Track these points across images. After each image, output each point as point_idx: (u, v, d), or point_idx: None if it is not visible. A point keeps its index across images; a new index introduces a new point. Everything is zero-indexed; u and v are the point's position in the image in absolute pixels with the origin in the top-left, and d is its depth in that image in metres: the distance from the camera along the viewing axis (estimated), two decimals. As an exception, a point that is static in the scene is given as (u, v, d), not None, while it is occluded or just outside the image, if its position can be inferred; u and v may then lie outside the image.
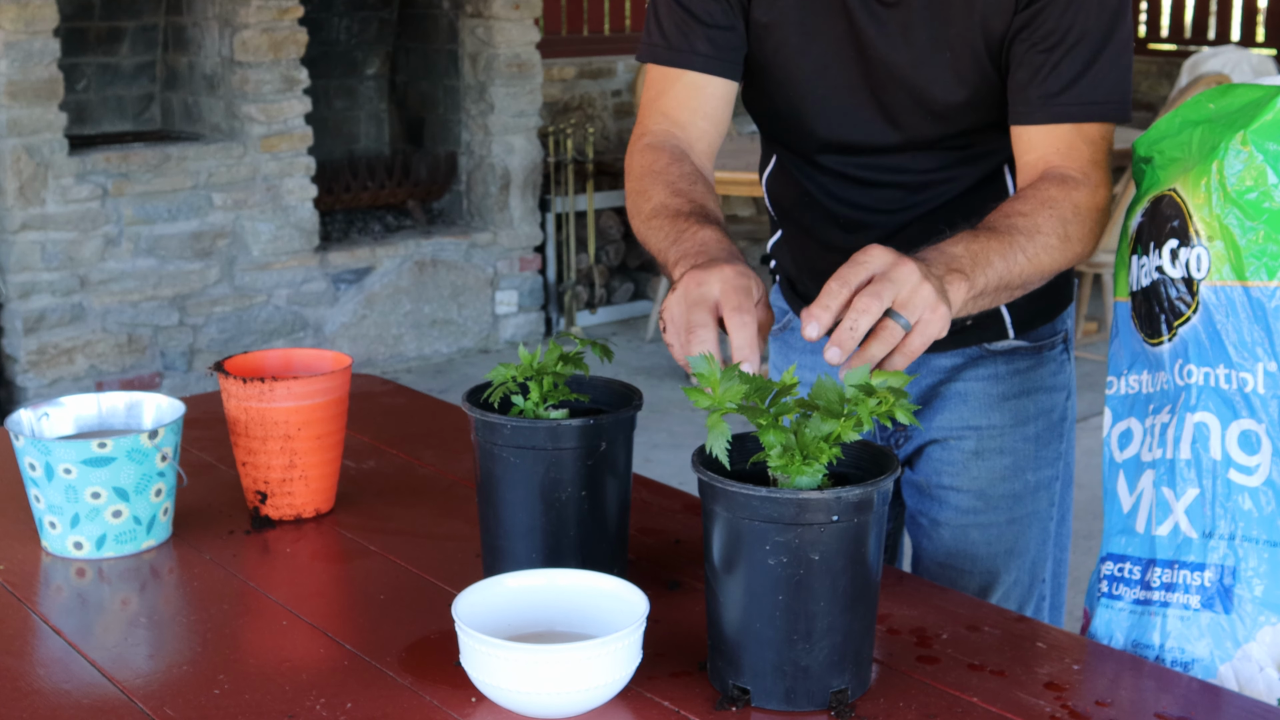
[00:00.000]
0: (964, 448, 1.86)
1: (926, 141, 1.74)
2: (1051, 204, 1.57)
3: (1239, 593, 1.44)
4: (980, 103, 1.70)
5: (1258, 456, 1.44)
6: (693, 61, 1.72)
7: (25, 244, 5.05)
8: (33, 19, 4.95)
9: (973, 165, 1.77)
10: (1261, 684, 1.43)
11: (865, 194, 1.79)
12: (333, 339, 5.80)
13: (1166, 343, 1.52)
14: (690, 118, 1.73)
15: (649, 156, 1.69)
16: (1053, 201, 1.58)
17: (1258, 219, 1.44)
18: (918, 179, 1.77)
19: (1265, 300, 1.43)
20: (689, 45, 1.72)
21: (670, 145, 1.71)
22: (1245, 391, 1.45)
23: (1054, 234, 1.56)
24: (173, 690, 1.36)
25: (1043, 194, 1.58)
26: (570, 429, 1.47)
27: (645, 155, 1.69)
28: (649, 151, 1.70)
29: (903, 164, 1.76)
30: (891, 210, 1.79)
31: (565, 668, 1.26)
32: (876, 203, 1.79)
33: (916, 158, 1.76)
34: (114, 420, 1.78)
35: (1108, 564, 1.56)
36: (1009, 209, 1.57)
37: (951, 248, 1.47)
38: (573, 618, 1.39)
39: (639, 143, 1.73)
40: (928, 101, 1.70)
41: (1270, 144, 1.44)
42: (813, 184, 1.83)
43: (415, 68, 6.50)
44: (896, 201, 1.79)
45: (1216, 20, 8.09)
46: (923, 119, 1.72)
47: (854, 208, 1.81)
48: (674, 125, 1.73)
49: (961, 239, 1.49)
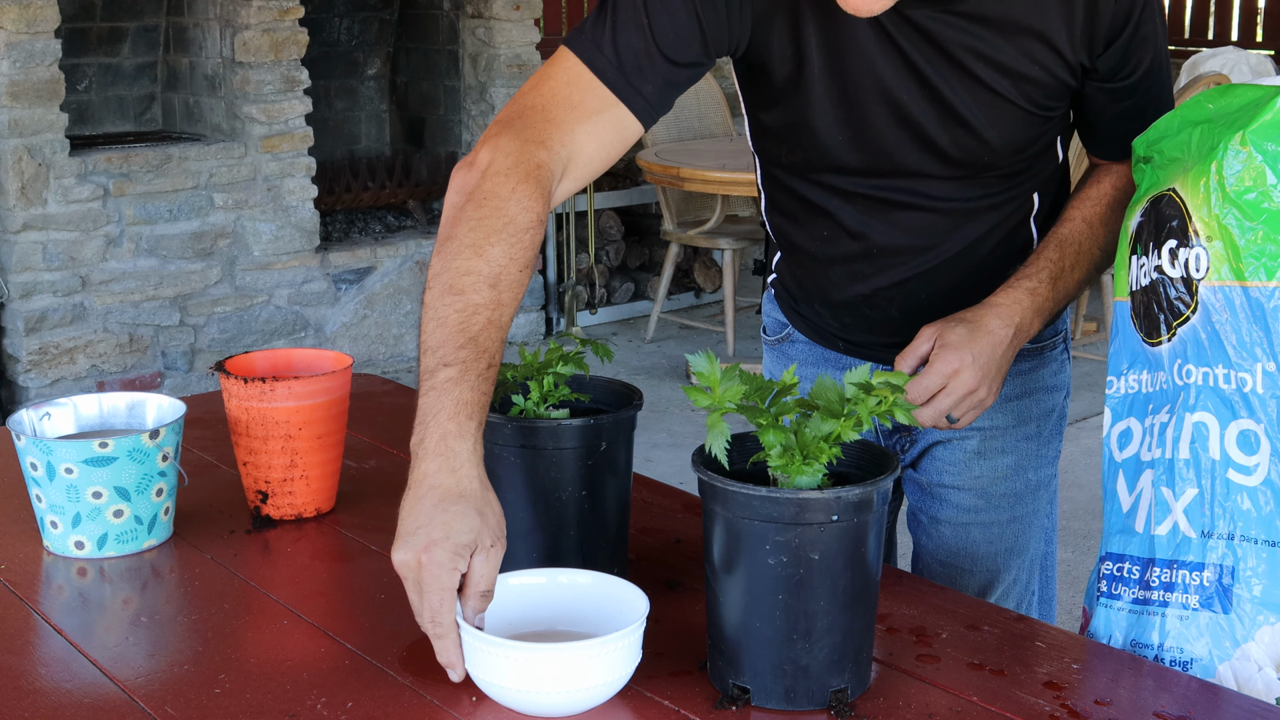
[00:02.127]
0: (967, 447, 1.87)
1: (971, 173, 1.69)
2: (1120, 205, 1.71)
3: (1238, 592, 1.44)
4: (1033, 142, 1.69)
5: (1256, 456, 1.44)
6: (634, 101, 1.53)
7: (27, 244, 5.05)
8: (34, 19, 4.95)
9: (1011, 193, 1.73)
10: (1260, 683, 1.43)
11: (893, 219, 1.71)
12: (333, 339, 5.80)
13: (1166, 343, 1.52)
14: (595, 153, 1.53)
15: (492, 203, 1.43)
16: (1122, 201, 1.71)
17: (1257, 219, 1.44)
18: (956, 206, 1.70)
19: (1264, 300, 1.43)
20: (638, 80, 1.53)
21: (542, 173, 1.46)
22: (1244, 391, 1.45)
23: (1118, 233, 1.67)
24: (174, 689, 1.36)
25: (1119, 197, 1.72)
26: (570, 429, 1.47)
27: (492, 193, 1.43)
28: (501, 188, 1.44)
29: (939, 190, 1.69)
30: (921, 244, 1.72)
31: (566, 667, 1.26)
32: (905, 230, 1.71)
33: (954, 185, 1.69)
34: (115, 420, 1.78)
35: (1107, 563, 1.56)
36: (1095, 215, 1.72)
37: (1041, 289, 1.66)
38: (573, 617, 1.39)
39: (497, 153, 1.46)
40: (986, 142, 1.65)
41: (1269, 144, 1.44)
42: (832, 210, 1.73)
43: (416, 68, 6.51)
44: (926, 230, 1.71)
45: (1215, 21, 8.09)
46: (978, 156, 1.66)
47: (879, 234, 1.72)
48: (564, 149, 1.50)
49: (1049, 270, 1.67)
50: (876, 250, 1.74)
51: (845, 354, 1.88)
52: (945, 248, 1.72)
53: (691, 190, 5.80)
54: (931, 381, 1.58)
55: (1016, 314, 1.62)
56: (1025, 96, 1.62)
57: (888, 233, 1.72)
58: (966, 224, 1.72)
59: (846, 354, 1.88)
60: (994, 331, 1.60)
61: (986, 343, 1.60)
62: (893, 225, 1.72)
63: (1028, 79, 1.60)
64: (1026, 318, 1.63)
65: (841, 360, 1.89)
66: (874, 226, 1.72)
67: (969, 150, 1.65)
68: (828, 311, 1.84)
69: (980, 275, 1.71)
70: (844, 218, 1.73)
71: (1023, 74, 1.60)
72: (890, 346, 1.74)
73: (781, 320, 1.95)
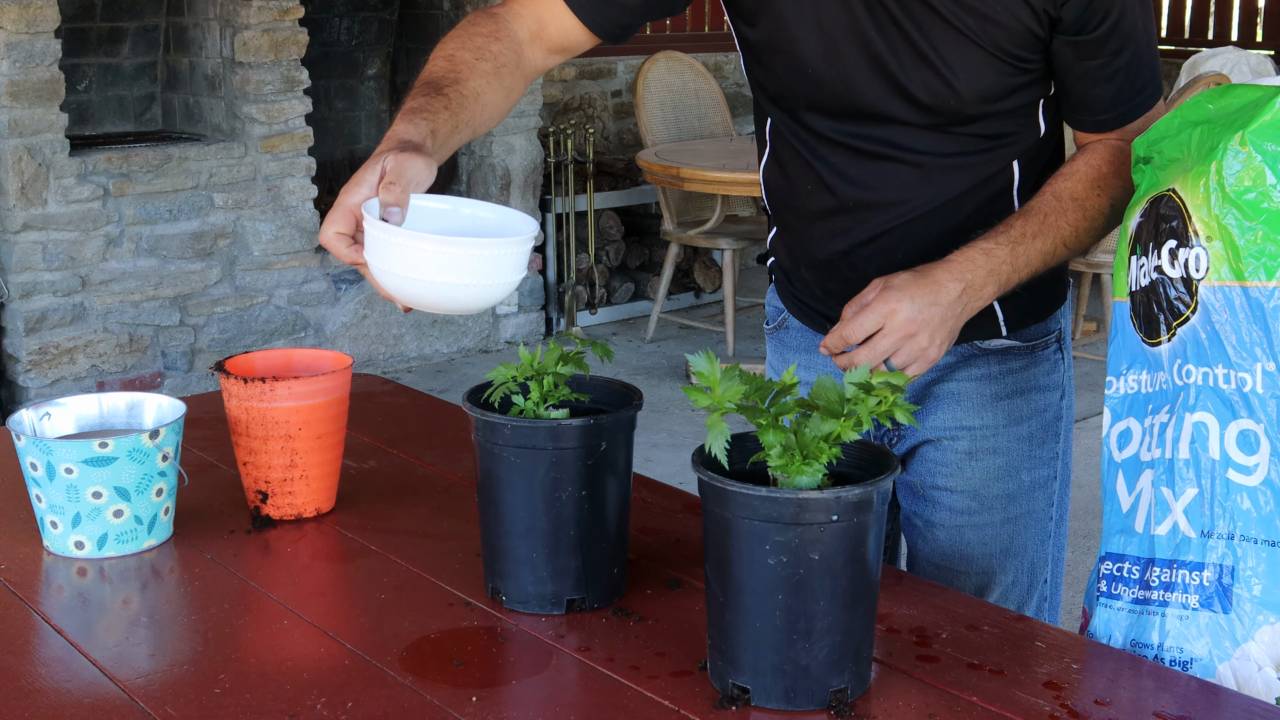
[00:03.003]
0: (957, 448, 1.86)
1: (944, 122, 1.72)
2: (1101, 184, 1.70)
3: (1238, 592, 1.44)
4: (1003, 94, 1.70)
5: (1256, 456, 1.44)
6: (577, 4, 1.77)
7: (27, 244, 5.05)
8: (34, 20, 4.95)
9: (988, 154, 1.75)
10: (1260, 683, 1.43)
11: (869, 170, 1.76)
12: (333, 339, 5.80)
13: (1165, 343, 1.52)
14: (547, 20, 1.77)
15: (480, 23, 1.75)
16: (1103, 181, 1.70)
17: (1256, 219, 1.44)
18: (930, 160, 1.74)
19: (1264, 300, 1.43)
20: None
21: (507, 23, 1.75)
22: (1244, 391, 1.45)
23: (1100, 214, 1.70)
24: (174, 689, 1.36)
25: (1094, 172, 1.71)
26: (571, 429, 1.47)
27: (479, 19, 1.76)
28: (482, 17, 1.76)
29: (914, 142, 1.73)
30: (895, 199, 1.76)
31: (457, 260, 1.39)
32: (880, 183, 1.76)
33: (929, 137, 1.73)
34: (115, 420, 1.78)
35: (1107, 563, 1.56)
36: (1063, 189, 1.70)
37: (998, 251, 1.65)
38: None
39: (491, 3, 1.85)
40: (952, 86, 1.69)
41: (1269, 144, 1.44)
42: (814, 161, 1.80)
43: (416, 68, 6.49)
44: (901, 178, 1.75)
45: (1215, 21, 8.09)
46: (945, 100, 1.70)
47: (858, 186, 1.77)
48: (529, 14, 1.77)
49: (1010, 237, 1.65)
50: (853, 203, 1.78)
51: None
52: (919, 203, 1.75)
53: (691, 190, 5.81)
54: (867, 319, 1.58)
55: (968, 271, 1.62)
56: (991, 41, 1.65)
57: (864, 182, 1.77)
58: (941, 180, 1.75)
59: None
60: (940, 282, 1.61)
61: (929, 290, 1.60)
62: (869, 176, 1.76)
63: (993, 21, 1.64)
64: (979, 277, 1.63)
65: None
66: (851, 177, 1.77)
67: (937, 94, 1.69)
68: (812, 276, 1.86)
69: (958, 240, 1.69)
70: (822, 169, 1.79)
71: (987, 15, 1.64)
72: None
73: (778, 306, 1.98)
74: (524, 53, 1.75)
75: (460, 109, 1.63)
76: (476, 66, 1.67)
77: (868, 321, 1.58)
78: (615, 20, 1.78)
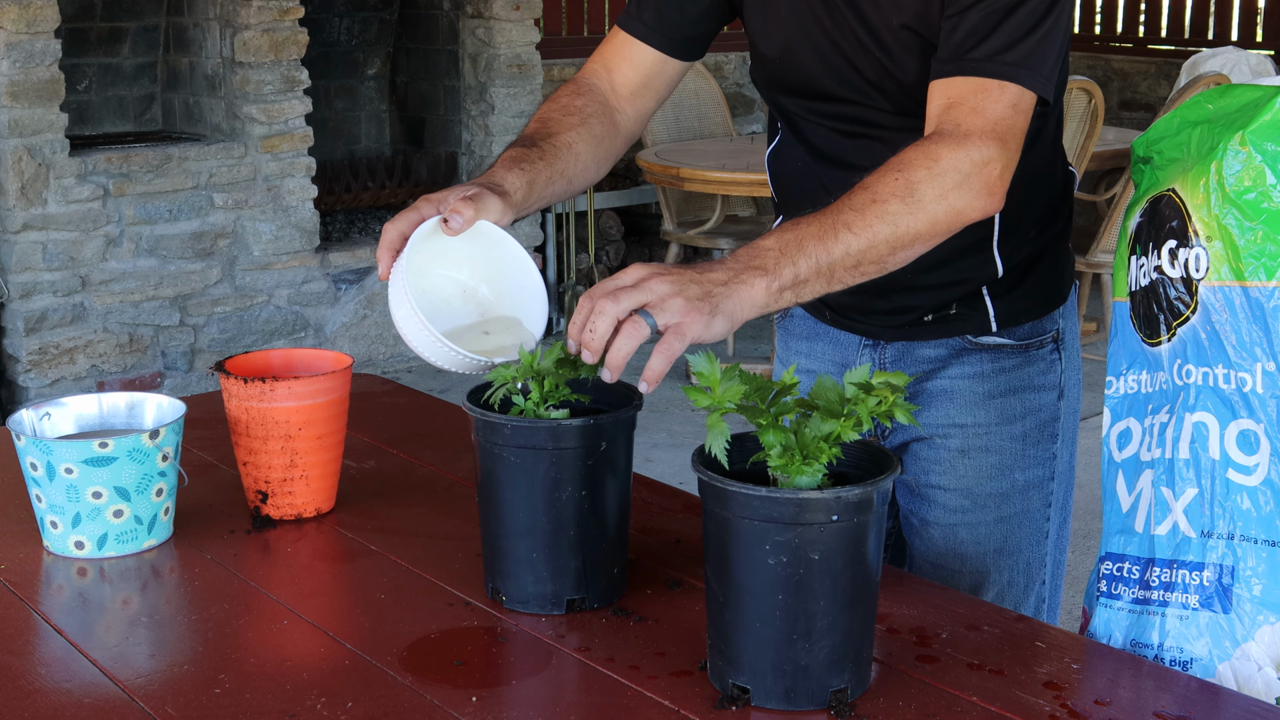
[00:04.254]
0: (950, 446, 1.86)
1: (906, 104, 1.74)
2: (901, 166, 1.56)
3: (1238, 592, 1.44)
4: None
5: (1256, 456, 1.44)
6: (634, 29, 1.87)
7: (27, 244, 5.05)
8: (34, 19, 4.95)
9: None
10: (1260, 683, 1.43)
11: (846, 148, 1.80)
12: (333, 339, 5.80)
13: (1165, 343, 1.52)
14: (618, 65, 1.89)
15: (563, 90, 1.88)
16: (904, 164, 1.56)
17: (1256, 219, 1.44)
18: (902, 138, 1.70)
19: (1264, 300, 1.43)
20: (639, 14, 1.88)
21: (587, 82, 1.88)
22: (1244, 391, 1.45)
23: (896, 199, 1.53)
24: (174, 689, 1.36)
25: (898, 158, 1.57)
26: (571, 429, 1.47)
27: (563, 88, 1.89)
28: (566, 85, 1.89)
29: (884, 120, 1.76)
30: (869, 168, 1.70)
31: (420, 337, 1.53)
32: (859, 158, 1.75)
33: (896, 116, 1.75)
34: (115, 420, 1.78)
35: (1107, 563, 1.56)
36: (861, 181, 1.57)
37: (763, 240, 1.51)
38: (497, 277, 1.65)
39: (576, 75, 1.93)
40: (892, 74, 1.73)
41: (1269, 144, 1.44)
42: (798, 141, 1.86)
43: (416, 68, 6.51)
44: (877, 156, 1.71)
45: (1215, 20, 8.09)
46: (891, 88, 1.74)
47: (841, 167, 1.79)
48: (603, 67, 1.89)
49: (777, 230, 1.53)
50: (835, 183, 1.75)
51: (831, 325, 1.93)
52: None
53: (691, 190, 5.80)
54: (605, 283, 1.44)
55: (727, 258, 1.53)
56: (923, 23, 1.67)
57: (844, 160, 1.79)
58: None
59: (833, 325, 1.92)
60: (692, 263, 1.53)
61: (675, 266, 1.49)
62: (848, 154, 1.79)
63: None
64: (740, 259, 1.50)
65: (830, 333, 1.93)
66: (830, 156, 1.82)
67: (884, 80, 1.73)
68: None
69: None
70: (804, 149, 1.85)
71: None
72: (867, 313, 1.84)
73: None
74: (609, 102, 1.86)
75: (554, 159, 1.75)
76: (564, 121, 1.80)
77: (604, 284, 1.44)
78: (680, 32, 1.86)
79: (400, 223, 1.60)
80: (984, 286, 1.82)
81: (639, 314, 1.40)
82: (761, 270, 1.47)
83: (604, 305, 1.40)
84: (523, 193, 1.69)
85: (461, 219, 1.58)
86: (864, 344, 1.89)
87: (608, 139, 1.84)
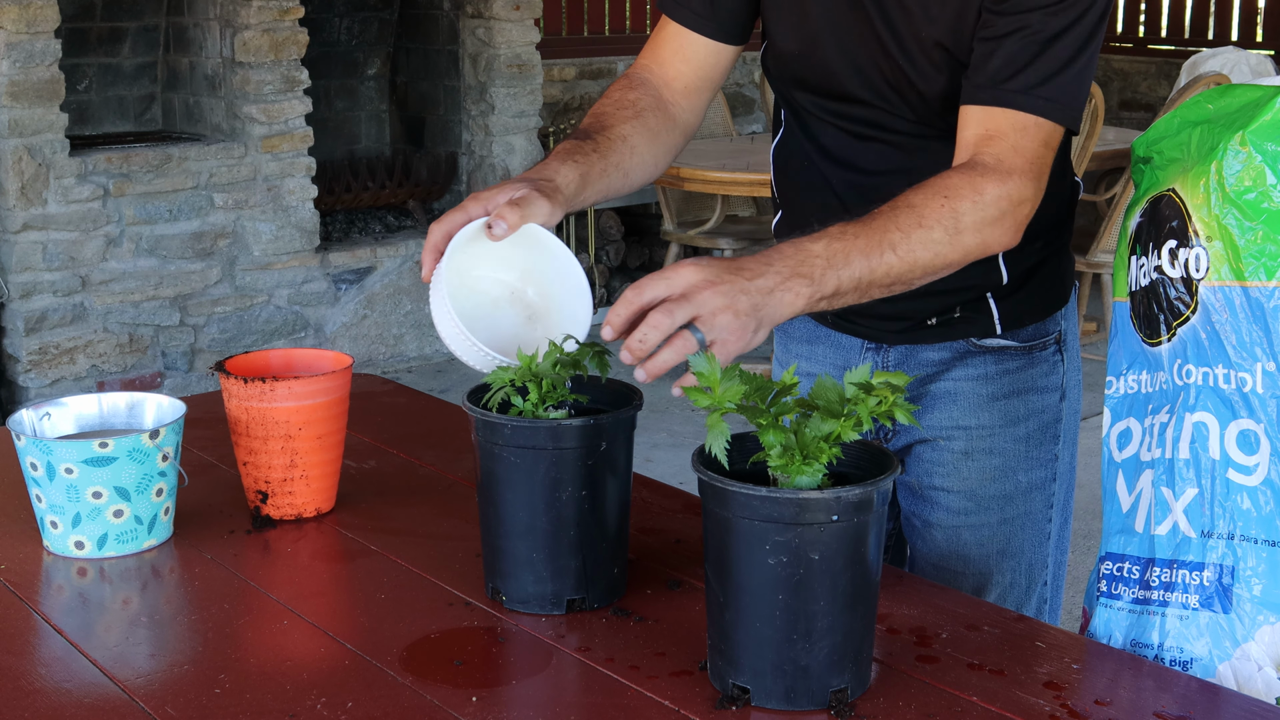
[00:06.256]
0: (953, 448, 1.86)
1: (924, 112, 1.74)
2: (948, 193, 1.56)
3: (1238, 592, 1.44)
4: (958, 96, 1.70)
5: (1256, 456, 1.44)
6: (684, 17, 1.85)
7: (27, 244, 5.05)
8: (34, 19, 4.95)
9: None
10: (1260, 683, 1.43)
11: (857, 150, 1.79)
12: (333, 339, 5.80)
13: (1165, 343, 1.52)
14: (670, 58, 1.87)
15: (615, 85, 1.86)
16: (951, 190, 1.56)
17: (1256, 219, 1.44)
18: (913, 143, 1.76)
19: (1264, 300, 1.43)
20: (686, 2, 1.85)
21: (639, 76, 1.85)
22: (1244, 391, 1.45)
23: (940, 226, 1.54)
24: (174, 689, 1.36)
25: (944, 182, 1.57)
26: (571, 429, 1.47)
27: (614, 84, 1.87)
28: (619, 81, 1.87)
29: (897, 124, 1.76)
30: (883, 171, 1.77)
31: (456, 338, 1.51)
32: (869, 161, 1.78)
33: (910, 122, 1.76)
34: (115, 420, 1.78)
35: (1107, 563, 1.56)
36: (902, 198, 1.57)
37: (811, 244, 1.50)
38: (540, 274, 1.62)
39: (627, 72, 1.90)
40: (913, 82, 1.72)
41: (1269, 144, 1.44)
42: (805, 139, 1.85)
43: (416, 68, 6.51)
44: (887, 161, 1.77)
45: (1215, 20, 8.09)
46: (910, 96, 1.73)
47: (849, 168, 1.80)
48: (654, 62, 1.87)
49: (828, 234, 1.51)
50: (841, 182, 1.81)
51: (833, 329, 1.92)
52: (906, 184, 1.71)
53: (691, 190, 5.80)
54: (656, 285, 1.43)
55: (775, 259, 1.49)
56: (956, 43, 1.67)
57: (851, 162, 1.79)
58: (927, 161, 1.71)
59: (834, 328, 1.92)
60: (740, 262, 1.49)
61: (727, 264, 1.47)
62: (856, 155, 1.79)
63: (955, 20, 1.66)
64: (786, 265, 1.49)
65: (830, 336, 1.92)
66: (838, 156, 1.81)
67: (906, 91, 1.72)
68: None
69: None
70: (812, 147, 1.84)
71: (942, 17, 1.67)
72: (870, 317, 1.83)
73: None
74: (663, 95, 1.84)
75: (609, 152, 1.73)
76: (618, 114, 1.79)
77: (656, 286, 1.42)
78: (732, 17, 1.83)
79: (446, 223, 1.57)
80: (988, 291, 1.82)
81: (688, 328, 1.41)
82: (808, 279, 1.48)
83: (658, 320, 1.40)
84: (575, 186, 1.66)
85: (506, 225, 1.55)
86: (866, 347, 1.89)
87: (664, 132, 1.82)
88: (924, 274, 1.56)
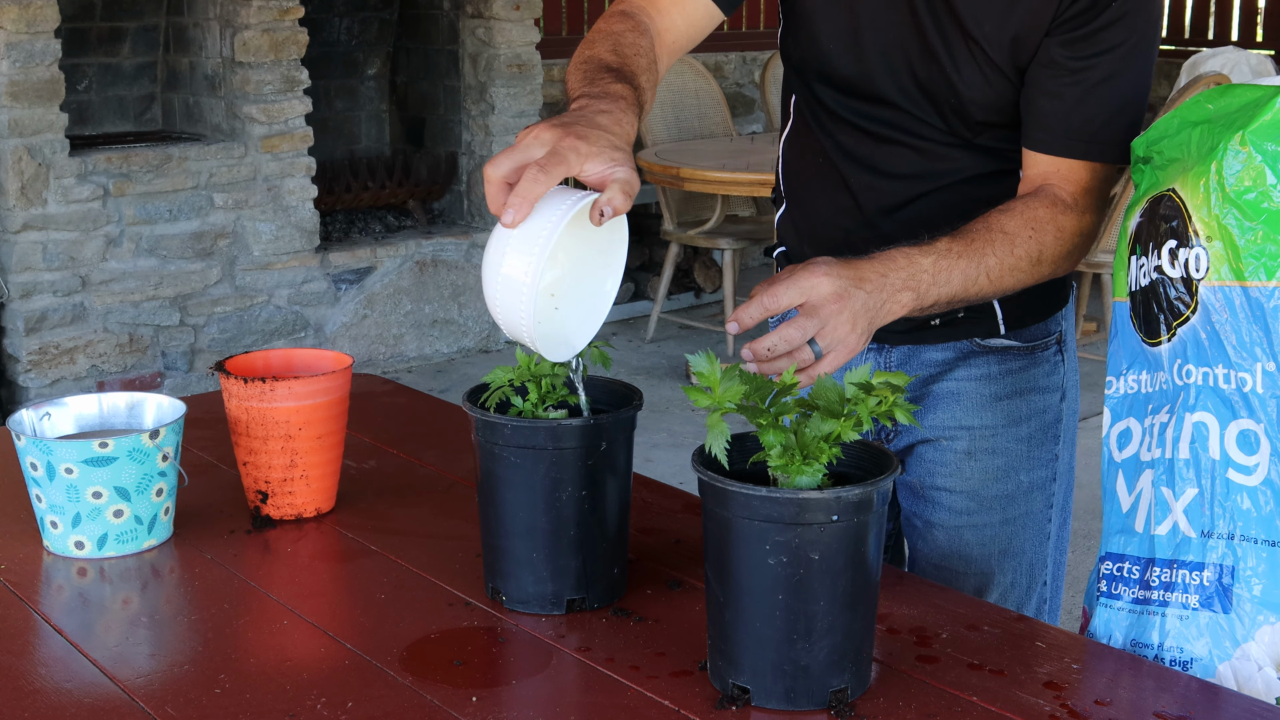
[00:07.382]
0: (956, 448, 1.86)
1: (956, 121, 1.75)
2: (1035, 225, 1.65)
3: (1238, 592, 1.44)
4: (997, 106, 1.72)
5: (1256, 456, 1.44)
6: None
7: (27, 244, 5.05)
8: (34, 19, 4.95)
9: (996, 153, 1.77)
10: (1260, 683, 1.43)
11: (876, 152, 1.79)
12: (333, 339, 5.80)
13: (1165, 343, 1.52)
14: (669, 7, 1.78)
15: (614, 21, 1.73)
16: (1038, 223, 1.65)
17: (1256, 219, 1.44)
18: (935, 149, 1.77)
19: (1264, 300, 1.43)
20: None
21: (639, 20, 1.74)
22: (1244, 391, 1.45)
23: (1027, 257, 1.64)
24: (174, 689, 1.36)
25: (1031, 213, 1.65)
26: (570, 429, 1.47)
27: (611, 19, 1.74)
28: (616, 17, 1.74)
29: (921, 129, 1.76)
30: (902, 175, 1.78)
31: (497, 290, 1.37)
32: (888, 164, 1.79)
33: (937, 129, 1.76)
34: (115, 420, 1.78)
35: (1107, 563, 1.56)
36: (995, 221, 1.64)
37: (921, 258, 1.56)
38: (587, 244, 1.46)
39: (615, 7, 1.77)
40: (955, 88, 1.72)
41: (1269, 144, 1.44)
42: (822, 136, 1.83)
43: (416, 68, 6.51)
44: (908, 165, 1.78)
45: (1215, 21, 8.09)
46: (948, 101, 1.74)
47: (868, 169, 1.80)
48: (652, 7, 1.77)
49: (936, 250, 1.58)
50: (856, 181, 1.81)
51: None
52: (923, 188, 1.78)
53: (691, 190, 5.81)
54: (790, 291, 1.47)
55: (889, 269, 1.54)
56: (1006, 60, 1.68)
57: (869, 162, 1.79)
58: (946, 167, 1.77)
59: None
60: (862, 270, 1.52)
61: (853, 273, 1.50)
62: (874, 156, 1.79)
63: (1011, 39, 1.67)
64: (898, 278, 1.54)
65: None
66: (856, 155, 1.80)
67: (945, 99, 1.72)
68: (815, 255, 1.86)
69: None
70: (829, 145, 1.83)
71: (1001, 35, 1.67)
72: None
73: None
74: (654, 48, 1.75)
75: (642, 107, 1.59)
76: (637, 62, 1.67)
77: (791, 293, 1.46)
78: None
79: (503, 166, 1.37)
80: None
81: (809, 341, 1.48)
82: (914, 291, 1.56)
83: (791, 335, 1.45)
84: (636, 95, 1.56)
85: (612, 211, 1.39)
86: (869, 347, 1.89)
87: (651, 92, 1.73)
88: (994, 295, 1.65)
